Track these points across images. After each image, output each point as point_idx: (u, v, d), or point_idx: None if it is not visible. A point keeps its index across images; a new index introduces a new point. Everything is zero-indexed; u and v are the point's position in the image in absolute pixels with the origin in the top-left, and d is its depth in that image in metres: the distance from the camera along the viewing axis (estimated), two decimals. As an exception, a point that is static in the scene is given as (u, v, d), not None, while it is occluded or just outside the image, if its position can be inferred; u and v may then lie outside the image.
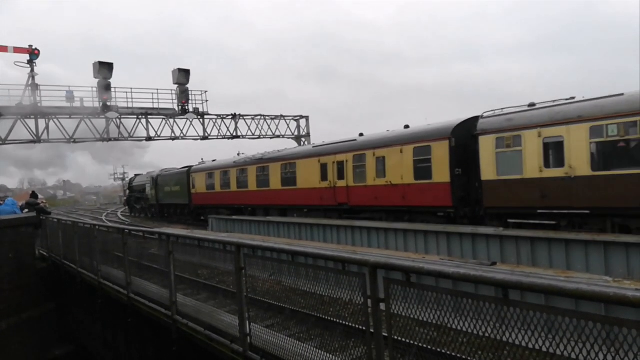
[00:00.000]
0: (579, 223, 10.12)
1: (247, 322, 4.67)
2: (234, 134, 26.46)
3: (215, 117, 25.87)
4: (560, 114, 10.28)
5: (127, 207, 44.66)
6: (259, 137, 27.42)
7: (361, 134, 16.03)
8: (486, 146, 11.50)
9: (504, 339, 2.52)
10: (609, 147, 9.52)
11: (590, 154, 9.64)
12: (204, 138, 25.52)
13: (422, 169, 13.10)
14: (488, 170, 11.44)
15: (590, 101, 10.03)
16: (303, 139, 28.55)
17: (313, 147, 18.33)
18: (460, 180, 12.40)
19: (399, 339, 3.09)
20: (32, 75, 20.60)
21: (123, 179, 66.99)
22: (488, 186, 11.44)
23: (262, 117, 27.44)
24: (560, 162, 10.17)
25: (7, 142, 20.72)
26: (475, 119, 12.24)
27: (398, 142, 13.98)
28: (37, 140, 21.22)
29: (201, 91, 25.05)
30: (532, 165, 10.57)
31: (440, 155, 12.63)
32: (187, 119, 24.60)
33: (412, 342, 3.06)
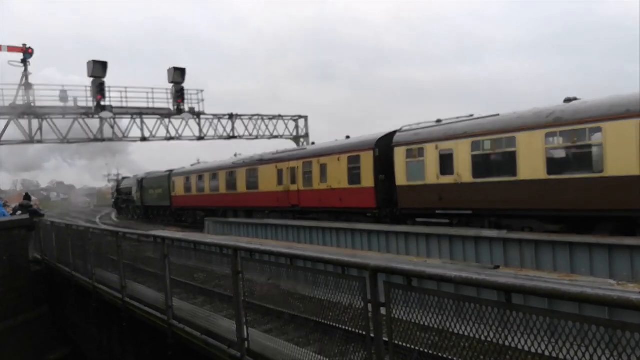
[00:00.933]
0: (466, 222, 12.04)
1: (245, 327, 4.62)
2: (231, 135, 26.34)
3: (212, 117, 25.75)
4: (451, 131, 12.42)
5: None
6: (257, 138, 27.31)
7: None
8: (399, 156, 13.67)
9: (507, 343, 2.49)
10: (485, 159, 11.56)
11: (472, 164, 11.68)
12: (200, 138, 25.39)
13: (354, 175, 15.17)
14: (400, 177, 13.61)
15: (474, 120, 12.25)
16: (302, 140, 28.45)
17: (272, 154, 20.19)
18: (384, 185, 14.30)
19: (400, 343, 3.06)
20: (26, 74, 20.43)
21: (116, 181, 66.93)
22: (401, 190, 13.63)
23: (260, 117, 27.33)
24: (451, 171, 12.21)
25: (0, 142, 20.53)
26: (393, 133, 14.27)
27: (336, 152, 16.15)
28: (30, 140, 21.04)
29: (197, 90, 24.94)
30: (432, 173, 12.72)
31: (367, 163, 14.68)
32: (183, 118, 24.44)
33: (413, 347, 3.03)
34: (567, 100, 10.51)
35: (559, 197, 9.90)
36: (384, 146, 14.41)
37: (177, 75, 23.21)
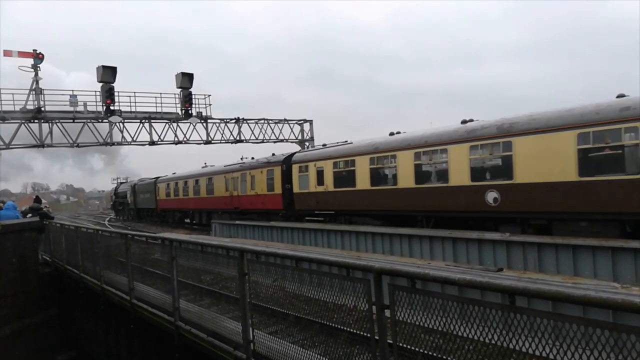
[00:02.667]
0: (333, 218, 16.87)
1: (250, 329, 4.64)
2: (237, 138, 26.49)
3: (219, 121, 25.90)
4: (324, 154, 17.28)
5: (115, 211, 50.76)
6: (262, 141, 27.43)
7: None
8: (295, 171, 18.52)
9: (511, 346, 2.49)
10: (340, 174, 16.24)
11: (334, 178, 16.46)
12: (207, 142, 25.55)
13: (270, 184, 20.07)
14: (295, 186, 18.46)
15: (337, 147, 17.13)
16: (307, 143, 28.52)
17: (224, 167, 25.21)
18: (289, 192, 18.85)
19: (404, 346, 3.06)
20: (36, 79, 20.72)
21: (115, 186, 69.18)
22: (296, 196, 18.49)
23: (266, 121, 27.45)
24: (322, 182, 16.99)
25: (10, 146, 20.82)
26: (294, 154, 19.37)
27: (261, 166, 21.01)
28: (40, 144, 21.31)
29: (204, 95, 25.13)
30: (312, 184, 17.45)
31: (278, 176, 19.52)
32: (191, 123, 24.63)
33: (417, 349, 3.02)
34: (391, 134, 15.47)
35: (377, 201, 14.61)
36: (289, 163, 19.06)
37: (185, 80, 23.41)
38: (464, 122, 12.92)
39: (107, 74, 21.28)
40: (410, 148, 13.44)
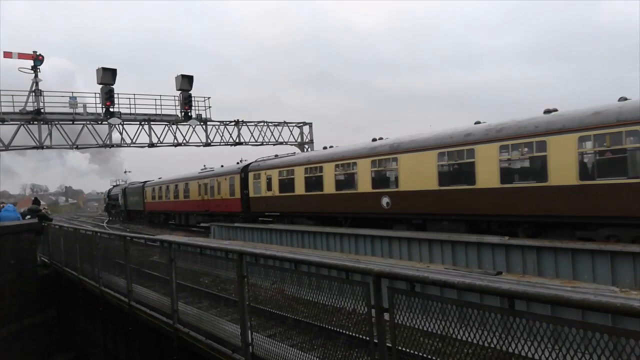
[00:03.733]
0: (278, 219, 19.69)
1: (249, 331, 4.63)
2: (237, 141, 26.50)
3: (218, 123, 25.92)
4: (272, 164, 20.50)
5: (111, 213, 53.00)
6: (262, 144, 27.45)
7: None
8: (250, 178, 21.64)
9: (510, 349, 2.49)
10: (284, 181, 19.15)
11: (279, 185, 19.33)
12: (207, 144, 25.56)
13: (232, 190, 23.14)
14: (251, 191, 21.57)
15: (283, 158, 20.56)
16: (306, 146, 28.53)
17: (198, 173, 28.10)
18: (246, 196, 21.85)
19: (403, 349, 3.06)
20: (36, 81, 20.72)
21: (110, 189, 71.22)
22: (251, 200, 21.54)
23: (265, 124, 27.47)
24: (271, 188, 19.98)
25: (10, 148, 20.80)
26: (250, 164, 22.55)
27: (224, 173, 24.29)
28: (40, 146, 21.30)
29: (204, 97, 25.15)
30: (263, 189, 20.52)
31: (237, 182, 22.57)
32: (190, 125, 24.63)
33: (416, 352, 3.02)
34: (324, 148, 18.94)
35: (310, 204, 17.48)
36: (246, 171, 22.17)
37: (185, 82, 23.43)
38: (374, 139, 15.94)
39: (107, 75, 21.30)
40: (332, 160, 16.57)
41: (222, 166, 26.34)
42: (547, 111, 11.03)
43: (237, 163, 24.32)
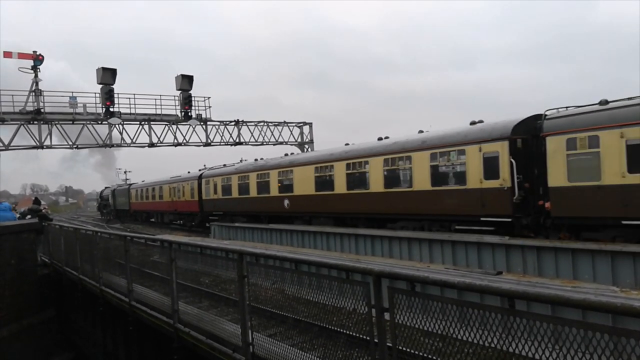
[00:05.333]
0: (221, 217, 24.29)
1: (250, 331, 4.63)
2: (237, 141, 26.48)
3: (218, 123, 25.91)
4: (218, 172, 25.21)
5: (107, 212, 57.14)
6: (262, 144, 27.43)
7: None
8: (203, 184, 26.52)
9: (510, 349, 2.49)
10: (225, 187, 23.77)
11: (222, 189, 24.14)
12: (207, 144, 25.54)
13: (192, 193, 27.98)
14: (204, 195, 26.43)
15: (225, 168, 25.39)
16: (306, 146, 28.51)
17: (170, 178, 33.04)
18: (201, 199, 26.75)
19: (404, 349, 3.06)
20: (36, 81, 20.71)
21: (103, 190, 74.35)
22: (204, 202, 26.45)
23: (265, 124, 27.46)
24: (216, 192, 24.80)
25: (9, 147, 20.79)
26: (204, 171, 27.45)
27: (187, 179, 29.25)
28: (40, 146, 21.29)
29: (204, 97, 25.13)
30: (212, 193, 25.33)
31: (196, 187, 27.43)
32: (190, 125, 24.62)
33: (416, 352, 3.02)
34: (255, 160, 23.48)
35: (243, 205, 22.21)
36: (201, 177, 27.00)
37: (185, 82, 23.41)
38: (285, 154, 21.22)
39: (107, 75, 21.28)
40: (255, 171, 21.68)
41: (188, 172, 30.79)
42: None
43: (199, 170, 28.94)
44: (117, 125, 22.81)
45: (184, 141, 24.89)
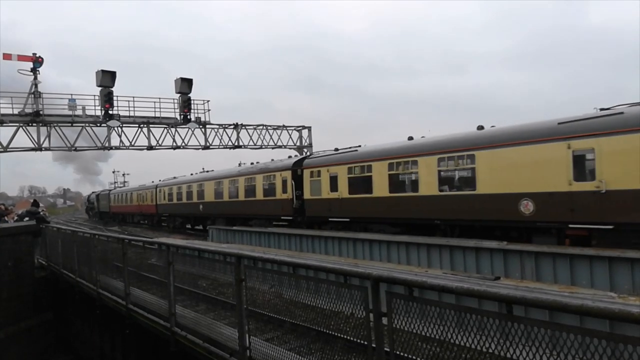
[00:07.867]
0: (168, 218, 33.13)
1: (247, 335, 4.61)
2: (236, 144, 26.48)
3: (217, 126, 25.90)
4: (169, 183, 32.92)
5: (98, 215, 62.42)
6: (261, 147, 27.42)
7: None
8: (159, 192, 33.82)
9: (508, 355, 2.49)
10: (176, 194, 30.88)
11: (176, 196, 31.24)
12: (205, 147, 25.52)
13: (152, 198, 34.91)
14: (159, 200, 33.83)
15: (177, 178, 32.92)
16: (305, 150, 28.51)
17: (151, 183, 37.78)
18: (157, 204, 33.71)
19: (401, 354, 3.05)
20: (35, 83, 20.71)
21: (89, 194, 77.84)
22: (159, 206, 33.76)
23: (264, 127, 27.47)
24: (172, 199, 31.84)
25: (8, 149, 20.76)
26: (159, 182, 34.89)
27: (147, 188, 36.90)
28: (38, 148, 21.26)
29: (203, 100, 25.14)
30: (166, 199, 32.69)
31: (152, 196, 34.95)
32: (189, 128, 24.61)
33: (414, 357, 3.01)
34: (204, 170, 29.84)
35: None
36: (157, 187, 34.20)
37: (184, 85, 23.42)
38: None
39: (106, 78, 21.28)
40: (211, 179, 25.97)
41: (152, 182, 37.63)
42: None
43: (157, 181, 36.52)
44: (115, 128, 22.79)
45: (183, 144, 24.86)
